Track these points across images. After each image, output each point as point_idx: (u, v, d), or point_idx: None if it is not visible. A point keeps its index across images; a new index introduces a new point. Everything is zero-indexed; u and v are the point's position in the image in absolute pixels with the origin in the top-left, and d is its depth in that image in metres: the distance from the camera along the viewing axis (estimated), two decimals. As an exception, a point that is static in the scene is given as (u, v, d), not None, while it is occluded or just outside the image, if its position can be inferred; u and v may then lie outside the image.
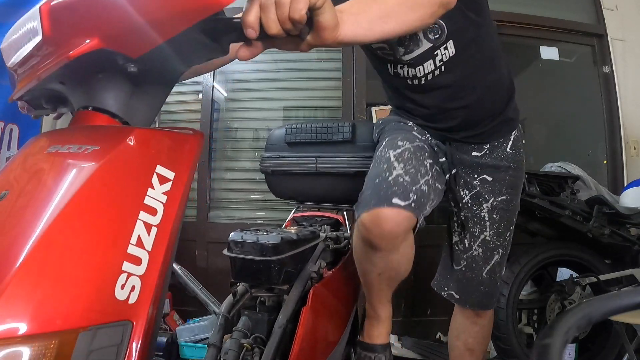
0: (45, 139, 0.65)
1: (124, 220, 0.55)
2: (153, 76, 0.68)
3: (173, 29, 0.57)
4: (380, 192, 0.98)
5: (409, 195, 0.97)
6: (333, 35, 0.61)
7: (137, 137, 0.61)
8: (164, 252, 0.57)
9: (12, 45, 0.67)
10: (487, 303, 1.21)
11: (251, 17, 0.56)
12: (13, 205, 0.54)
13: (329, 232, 1.31)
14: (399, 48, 1.07)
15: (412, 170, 1.02)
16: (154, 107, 0.73)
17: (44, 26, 0.59)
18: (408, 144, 1.08)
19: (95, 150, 0.58)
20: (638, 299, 0.40)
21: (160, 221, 0.58)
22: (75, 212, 0.52)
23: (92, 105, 0.67)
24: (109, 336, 0.50)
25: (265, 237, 1.00)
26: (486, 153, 1.17)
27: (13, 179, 0.60)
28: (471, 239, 1.18)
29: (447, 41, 1.05)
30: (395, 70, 1.14)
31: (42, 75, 0.62)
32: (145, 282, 0.55)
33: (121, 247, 0.54)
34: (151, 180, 0.59)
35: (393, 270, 1.08)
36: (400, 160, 1.03)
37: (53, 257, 0.49)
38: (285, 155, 1.50)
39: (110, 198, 0.56)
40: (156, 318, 0.57)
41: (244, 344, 0.93)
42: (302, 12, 0.55)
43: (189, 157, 0.66)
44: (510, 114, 1.18)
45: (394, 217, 0.95)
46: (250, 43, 0.61)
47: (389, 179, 0.99)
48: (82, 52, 0.58)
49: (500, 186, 1.17)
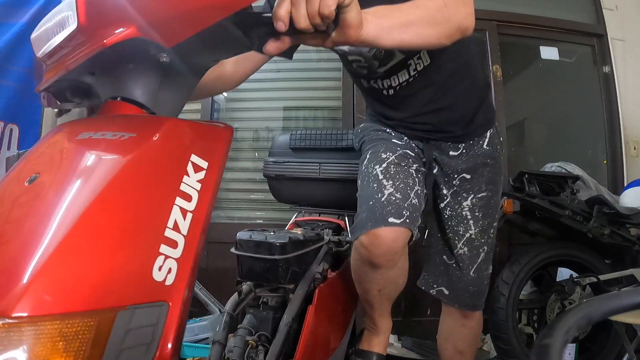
0: (73, 126, 0.66)
1: (161, 205, 0.56)
2: (183, 67, 0.69)
3: (209, 19, 0.58)
4: (376, 213, 1.03)
5: (402, 213, 1.03)
6: (357, 33, 0.65)
7: (172, 127, 0.63)
8: (198, 237, 0.58)
9: (42, 35, 0.67)
10: (476, 304, 1.21)
11: (282, 10, 0.59)
12: (45, 189, 0.55)
13: (332, 236, 1.32)
14: (374, 61, 1.09)
15: (401, 186, 1.07)
16: (181, 99, 0.75)
17: (80, 15, 0.60)
18: (391, 156, 1.12)
19: (132, 137, 0.59)
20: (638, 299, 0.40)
21: (195, 207, 0.59)
22: (112, 195, 0.53)
23: (120, 96, 0.68)
24: (146, 316, 0.51)
25: (273, 236, 1.03)
26: (462, 152, 1.18)
27: (44, 163, 0.61)
28: (455, 237, 1.19)
29: (420, 51, 1.07)
30: (369, 84, 1.17)
31: (73, 65, 0.63)
32: (181, 264, 0.55)
33: (159, 230, 0.54)
34: (186, 168, 0.60)
35: (392, 285, 1.13)
36: (388, 177, 1.09)
37: (91, 238, 0.49)
38: (288, 160, 1.52)
39: (148, 183, 0.57)
40: (189, 300, 0.58)
41: (249, 342, 0.94)
42: (332, 8, 0.58)
43: (221, 148, 0.67)
44: (485, 115, 1.20)
45: (391, 235, 1.01)
46: (278, 37, 0.64)
47: (382, 199, 1.05)
48: (117, 41, 0.58)
49: (479, 183, 1.18)
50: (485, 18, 2.73)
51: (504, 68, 2.73)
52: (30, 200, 0.55)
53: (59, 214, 0.50)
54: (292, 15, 0.59)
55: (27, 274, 0.45)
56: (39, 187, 0.55)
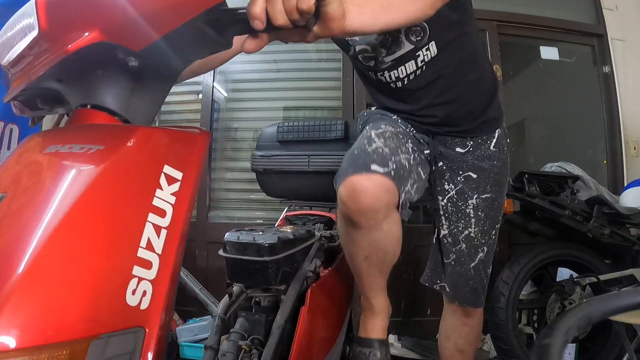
0: (41, 139, 0.63)
1: (133, 223, 0.53)
2: (154, 71, 0.66)
3: (177, 20, 0.55)
4: (359, 160, 0.94)
5: (387, 163, 0.93)
6: (340, 25, 0.61)
7: (143, 136, 0.59)
8: (174, 255, 0.55)
9: (6, 42, 0.64)
10: (476, 300, 1.21)
11: (257, 8, 0.55)
12: (12, 209, 0.52)
13: (323, 231, 1.30)
14: (382, 49, 1.08)
15: (392, 145, 1.00)
16: (155, 104, 0.71)
17: (41, 20, 0.57)
18: (391, 128, 1.07)
19: (100, 150, 0.55)
20: (638, 299, 0.40)
21: (170, 223, 0.56)
22: (81, 214, 0.50)
23: (90, 103, 0.64)
24: (121, 344, 0.48)
25: (262, 237, 0.98)
26: (469, 150, 1.18)
27: (10, 181, 0.58)
28: (456, 232, 1.19)
29: (429, 42, 1.06)
30: (377, 77, 1.15)
31: (39, 73, 0.59)
32: (156, 286, 0.52)
33: (131, 250, 0.51)
34: (159, 180, 0.57)
35: (380, 252, 1.00)
36: (381, 137, 1.01)
37: (59, 263, 0.46)
38: (277, 153, 1.49)
39: (117, 200, 0.53)
40: (168, 324, 0.55)
41: (242, 346, 0.92)
42: (311, 3, 0.54)
43: (197, 156, 0.63)
44: (493, 113, 1.19)
45: (371, 187, 0.90)
46: (255, 35, 0.60)
47: (368, 150, 0.97)
48: (81, 46, 0.55)
49: (485, 184, 1.17)
50: (485, 18, 2.73)
51: (504, 68, 2.73)
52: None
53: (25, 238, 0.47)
54: (268, 12, 0.55)
55: None
56: (5, 207, 0.52)
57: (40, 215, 0.49)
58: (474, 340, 1.28)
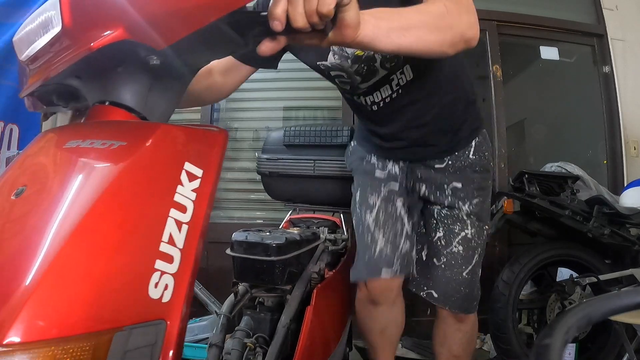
0: (58, 134, 0.63)
1: (155, 218, 0.54)
2: (173, 70, 0.66)
3: (202, 20, 0.55)
4: (370, 265, 1.17)
5: (393, 263, 1.16)
6: (354, 34, 0.63)
7: (164, 134, 0.59)
8: (195, 250, 0.56)
9: (25, 37, 0.64)
10: (468, 306, 1.20)
11: (279, 9, 0.56)
12: (33, 203, 0.52)
13: (327, 234, 1.31)
14: (356, 77, 1.08)
15: (391, 236, 1.17)
16: (173, 102, 0.72)
17: (64, 16, 0.57)
18: (378, 199, 1.21)
19: (122, 146, 0.56)
20: (638, 299, 0.40)
21: (191, 218, 0.57)
22: (105, 209, 0.50)
23: (109, 100, 0.64)
24: (143, 336, 0.49)
25: (270, 237, 1.00)
26: (448, 164, 1.19)
27: (30, 175, 0.58)
28: (450, 235, 1.19)
29: (403, 66, 1.05)
30: (353, 99, 1.17)
31: (59, 70, 0.59)
32: (178, 280, 0.53)
33: (153, 245, 0.52)
34: (180, 177, 0.57)
35: (393, 325, 1.25)
36: (378, 226, 1.18)
37: (82, 257, 0.47)
38: (283, 157, 1.50)
39: (140, 195, 0.54)
40: (187, 317, 0.56)
41: (247, 344, 0.93)
42: (331, 7, 0.56)
43: (216, 154, 0.64)
44: (468, 129, 1.19)
45: (385, 283, 1.18)
46: (274, 37, 0.61)
47: (375, 255, 1.16)
48: (105, 44, 0.55)
49: (472, 189, 1.19)
50: (485, 18, 2.72)
51: (504, 68, 2.72)
52: (17, 216, 0.52)
53: (49, 231, 0.47)
54: (288, 14, 0.57)
55: (18, 297, 0.43)
56: (26, 201, 0.53)
57: (63, 210, 0.49)
58: (467, 345, 1.27)
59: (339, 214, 1.49)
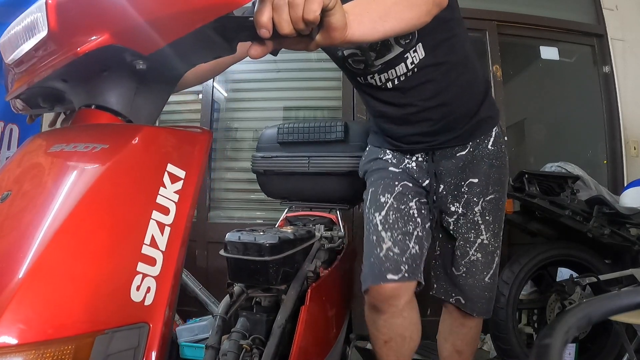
0: (45, 138, 0.63)
1: (137, 220, 0.54)
2: (159, 74, 0.66)
3: (188, 26, 0.55)
4: (375, 270, 1.09)
5: (400, 268, 1.08)
6: (342, 35, 0.63)
7: (147, 136, 0.59)
8: (177, 252, 0.56)
9: (11, 40, 0.64)
10: (489, 309, 1.21)
11: (264, 17, 0.56)
12: (17, 207, 0.52)
13: (323, 232, 1.31)
14: (371, 53, 1.08)
15: (399, 238, 1.11)
16: (158, 105, 0.72)
17: (50, 21, 0.57)
18: (390, 198, 1.14)
19: (105, 149, 0.56)
20: (638, 299, 0.40)
21: (173, 220, 0.57)
22: (86, 212, 0.50)
23: (95, 104, 0.65)
24: (125, 339, 0.49)
25: (263, 237, 0.99)
26: (470, 151, 1.18)
27: (15, 180, 0.58)
28: (466, 244, 1.18)
29: (416, 44, 1.06)
30: (366, 81, 1.15)
31: (44, 73, 0.59)
32: (160, 283, 0.53)
33: (135, 247, 0.52)
34: (162, 179, 0.57)
35: (399, 338, 1.15)
36: (387, 227, 1.12)
37: (65, 260, 0.47)
38: (277, 155, 1.49)
39: (122, 198, 0.54)
40: (171, 320, 0.56)
41: (243, 346, 0.93)
42: (317, 13, 0.56)
43: (199, 155, 0.64)
44: (487, 112, 1.19)
45: (391, 289, 1.09)
46: (261, 42, 0.61)
47: (381, 255, 1.10)
48: (91, 49, 0.55)
49: (487, 184, 1.18)
50: (485, 18, 2.73)
51: (504, 68, 2.72)
52: (1, 220, 0.52)
53: (30, 235, 0.47)
54: (274, 21, 0.56)
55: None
56: (10, 206, 0.53)
57: (45, 213, 0.49)
58: (472, 341, 1.28)
59: (335, 211, 1.49)
